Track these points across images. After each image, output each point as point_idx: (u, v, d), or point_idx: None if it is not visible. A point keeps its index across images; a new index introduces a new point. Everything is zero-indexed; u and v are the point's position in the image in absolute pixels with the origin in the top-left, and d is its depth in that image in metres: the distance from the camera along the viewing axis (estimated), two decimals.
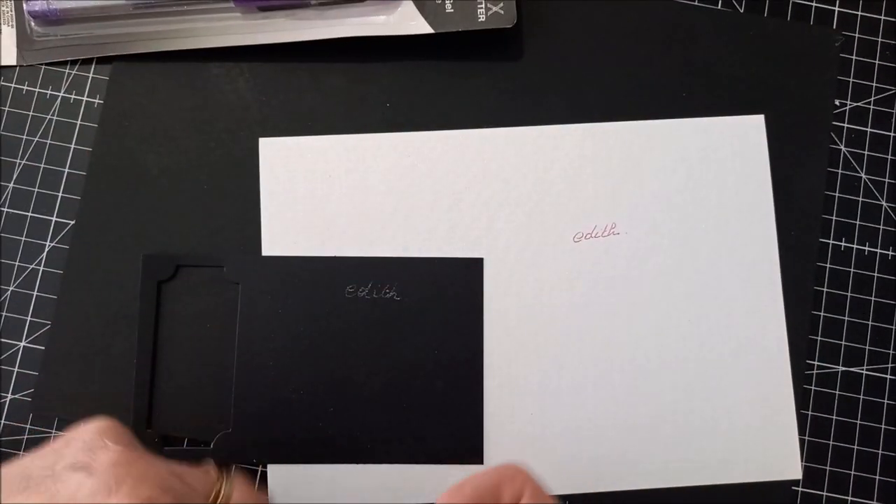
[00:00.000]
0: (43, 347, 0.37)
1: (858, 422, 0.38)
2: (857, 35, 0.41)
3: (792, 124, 0.39)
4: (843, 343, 0.38)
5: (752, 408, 0.37)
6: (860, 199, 0.39)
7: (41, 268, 0.38)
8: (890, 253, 0.39)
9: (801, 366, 0.38)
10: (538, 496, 0.28)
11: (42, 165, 0.39)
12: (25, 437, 0.37)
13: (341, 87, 0.39)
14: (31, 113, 0.39)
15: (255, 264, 0.37)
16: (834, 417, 0.38)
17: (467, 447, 0.36)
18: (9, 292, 0.38)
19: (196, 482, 0.31)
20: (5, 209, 0.38)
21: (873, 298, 0.39)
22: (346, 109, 0.39)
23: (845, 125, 0.40)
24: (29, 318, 0.37)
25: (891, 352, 0.38)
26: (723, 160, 0.39)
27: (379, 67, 0.39)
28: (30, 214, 0.38)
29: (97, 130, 0.39)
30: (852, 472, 0.37)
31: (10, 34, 0.39)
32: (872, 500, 0.37)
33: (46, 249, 0.38)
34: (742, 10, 0.41)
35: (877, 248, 0.39)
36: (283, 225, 0.38)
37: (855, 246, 0.39)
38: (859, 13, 0.41)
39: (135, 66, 0.39)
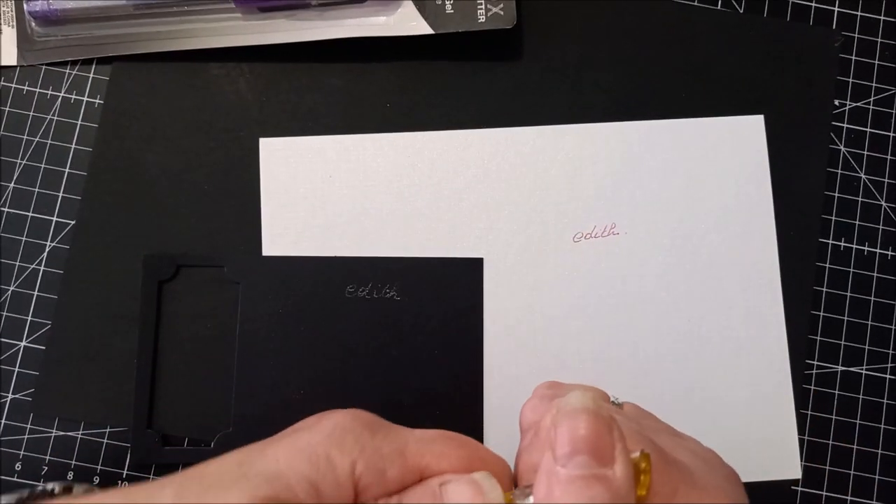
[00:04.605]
0: (43, 347, 0.37)
1: (858, 421, 0.38)
2: (856, 35, 0.41)
3: (791, 124, 0.39)
4: (842, 343, 0.38)
5: (751, 407, 0.37)
6: (860, 199, 0.39)
7: (41, 268, 0.38)
8: (889, 253, 0.39)
9: (801, 365, 0.38)
10: None
11: (42, 165, 0.39)
12: (26, 437, 0.37)
13: (341, 87, 0.39)
14: (31, 113, 0.39)
15: (256, 264, 0.37)
16: (833, 417, 0.38)
17: None
18: (9, 292, 0.38)
19: None
20: (6, 209, 0.38)
21: (873, 298, 0.39)
22: (347, 109, 0.39)
23: (845, 125, 0.40)
24: (29, 318, 0.37)
25: (890, 351, 0.38)
26: (722, 160, 0.39)
27: (379, 68, 0.39)
28: (30, 214, 0.38)
29: (97, 130, 0.39)
30: (852, 472, 0.37)
31: (10, 34, 0.39)
32: (872, 500, 0.37)
33: (47, 249, 0.38)
34: (742, 11, 0.41)
35: (876, 248, 0.39)
36: (284, 225, 0.38)
37: (854, 246, 0.39)
38: (859, 13, 0.41)
39: (135, 67, 0.39)
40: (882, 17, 0.41)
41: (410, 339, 0.37)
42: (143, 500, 0.22)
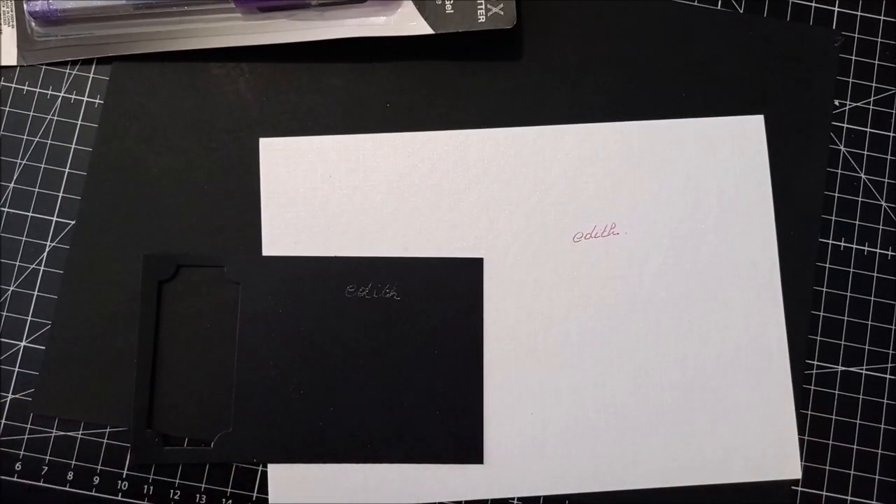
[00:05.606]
0: (43, 347, 0.37)
1: (858, 421, 0.38)
2: (856, 35, 0.41)
3: (791, 124, 0.39)
4: (842, 343, 0.38)
5: (751, 407, 0.37)
6: (859, 199, 0.39)
7: (41, 268, 0.38)
8: (889, 253, 0.39)
9: (801, 365, 0.38)
10: None
11: (42, 165, 0.39)
12: (26, 437, 0.37)
13: (341, 87, 0.39)
14: (31, 113, 0.39)
15: (256, 264, 0.37)
16: (833, 417, 0.38)
17: (467, 447, 0.36)
18: (9, 292, 0.38)
19: None
20: (6, 209, 0.38)
21: (873, 298, 0.39)
22: (347, 109, 0.39)
23: (845, 125, 0.40)
24: (29, 318, 0.37)
25: (890, 351, 0.38)
26: (722, 160, 0.39)
27: (379, 68, 0.39)
28: (30, 214, 0.38)
29: (97, 130, 0.39)
30: (852, 472, 0.37)
31: (10, 34, 0.39)
32: (872, 500, 0.37)
33: (47, 249, 0.38)
34: (742, 11, 0.41)
35: (876, 247, 0.39)
36: (284, 225, 0.38)
37: (854, 246, 0.39)
38: (859, 13, 0.41)
39: (135, 67, 0.39)
40: (882, 17, 0.41)
41: (410, 339, 0.37)
42: None
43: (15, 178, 0.39)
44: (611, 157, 0.39)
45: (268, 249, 0.38)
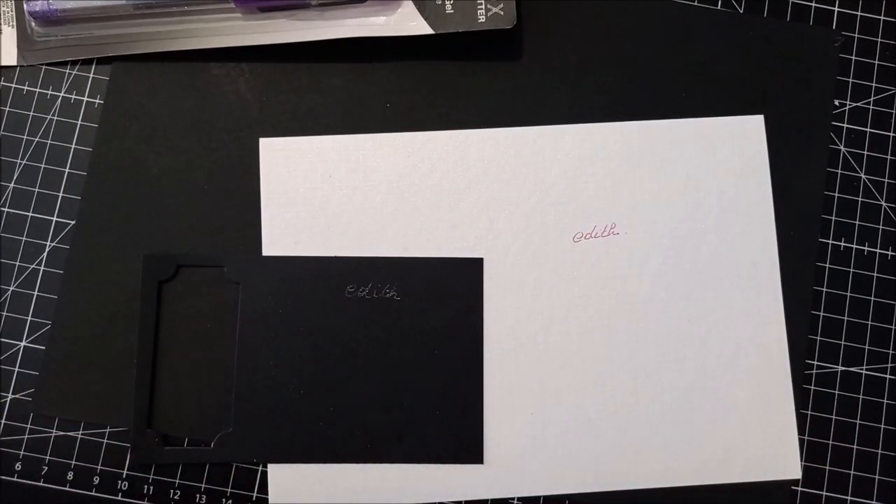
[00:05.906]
0: (43, 347, 0.37)
1: (858, 421, 0.38)
2: (856, 35, 0.41)
3: (791, 124, 0.39)
4: (842, 343, 0.38)
5: (751, 407, 0.37)
6: (860, 199, 0.39)
7: (41, 268, 0.38)
8: (889, 253, 0.39)
9: (801, 365, 0.38)
10: None
11: (42, 165, 0.39)
12: (26, 436, 0.37)
13: (341, 87, 0.39)
14: (31, 113, 0.39)
15: (256, 264, 0.37)
16: (833, 417, 0.38)
17: (467, 447, 0.36)
18: (9, 292, 0.38)
19: None
20: (6, 209, 0.38)
21: (873, 298, 0.39)
22: (346, 109, 0.39)
23: (845, 125, 0.40)
24: (29, 318, 0.37)
25: (890, 351, 0.38)
26: (722, 160, 0.39)
27: (379, 68, 0.39)
28: (30, 214, 0.38)
29: (97, 130, 0.39)
30: (852, 472, 0.37)
31: (10, 34, 0.39)
32: (872, 500, 0.37)
33: (47, 249, 0.38)
34: (742, 11, 0.41)
35: (876, 247, 0.39)
36: (284, 225, 0.38)
37: (854, 246, 0.39)
38: (859, 13, 0.41)
39: (135, 67, 0.39)
40: (882, 17, 0.41)
41: (410, 339, 0.37)
42: None
43: (15, 178, 0.39)
44: (611, 157, 0.39)
45: (268, 249, 0.38)
